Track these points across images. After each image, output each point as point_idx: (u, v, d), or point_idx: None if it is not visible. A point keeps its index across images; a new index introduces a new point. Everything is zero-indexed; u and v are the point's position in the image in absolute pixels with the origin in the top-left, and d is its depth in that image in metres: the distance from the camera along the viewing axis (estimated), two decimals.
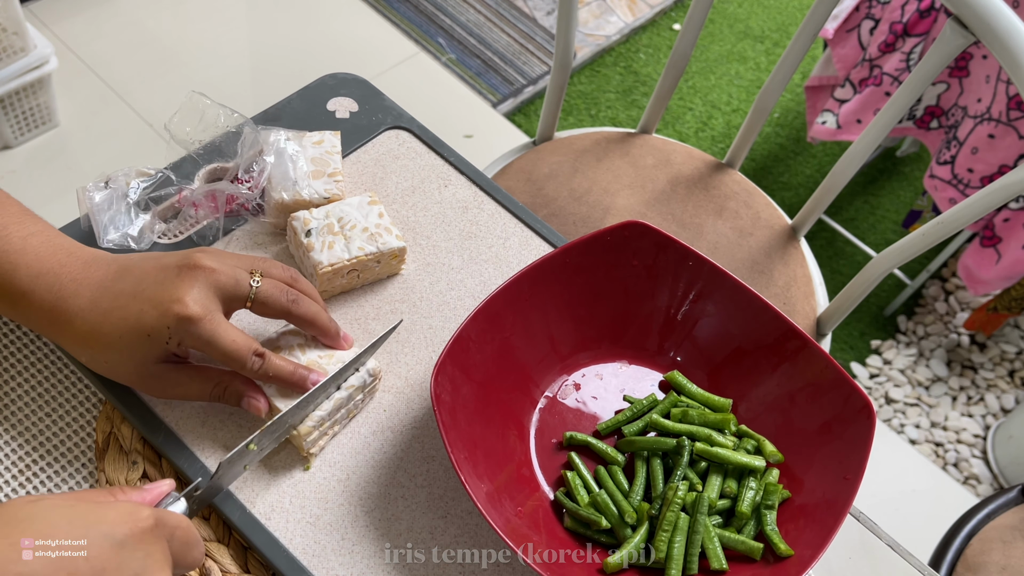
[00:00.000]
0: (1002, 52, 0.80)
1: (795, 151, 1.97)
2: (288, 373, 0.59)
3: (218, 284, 0.57)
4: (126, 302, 0.55)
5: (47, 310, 0.56)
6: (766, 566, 0.57)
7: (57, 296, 0.55)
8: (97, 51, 1.81)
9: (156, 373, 0.57)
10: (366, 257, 0.67)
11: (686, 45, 1.05)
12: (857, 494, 0.57)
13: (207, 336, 0.55)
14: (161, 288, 0.55)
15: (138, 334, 0.55)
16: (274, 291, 0.59)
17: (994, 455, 1.60)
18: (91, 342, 0.56)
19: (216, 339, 0.56)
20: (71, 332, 0.56)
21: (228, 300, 0.58)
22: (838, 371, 0.62)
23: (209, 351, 0.56)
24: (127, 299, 0.55)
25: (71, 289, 0.55)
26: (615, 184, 1.11)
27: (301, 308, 0.60)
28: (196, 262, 0.56)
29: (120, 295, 0.56)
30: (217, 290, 0.57)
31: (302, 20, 1.96)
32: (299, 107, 0.79)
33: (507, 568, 0.59)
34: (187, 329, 0.55)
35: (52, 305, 0.55)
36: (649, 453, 0.63)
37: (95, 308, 0.55)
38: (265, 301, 0.59)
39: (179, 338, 0.55)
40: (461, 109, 1.89)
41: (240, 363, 0.57)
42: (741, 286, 0.66)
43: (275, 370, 0.58)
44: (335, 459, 0.61)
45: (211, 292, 0.56)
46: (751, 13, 2.22)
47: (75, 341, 0.56)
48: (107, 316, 0.55)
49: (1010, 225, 1.42)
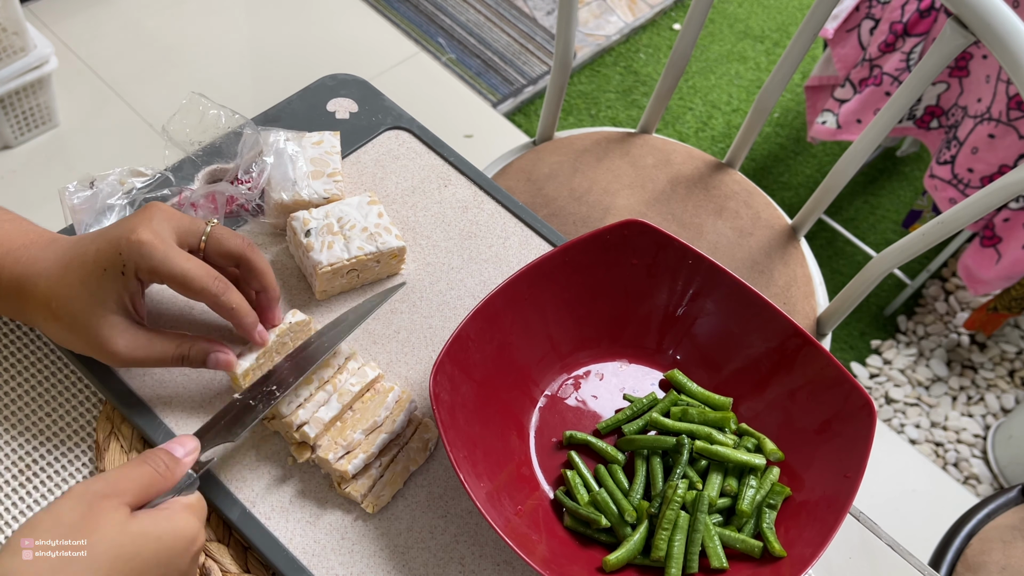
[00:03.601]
0: (1002, 52, 0.80)
1: (795, 151, 1.97)
2: (246, 311, 0.59)
3: (172, 217, 0.57)
4: (84, 248, 0.56)
5: (15, 280, 0.57)
6: (766, 565, 0.57)
7: (24, 266, 0.57)
8: (97, 51, 1.81)
9: (117, 330, 0.56)
10: (366, 257, 0.67)
11: (686, 45, 1.05)
12: (857, 493, 0.57)
13: (160, 258, 0.55)
14: (114, 227, 0.57)
15: (94, 272, 0.55)
16: (228, 231, 0.60)
17: (994, 455, 1.60)
18: (53, 301, 0.56)
19: (170, 261, 0.55)
20: (36, 296, 0.56)
21: (183, 234, 0.58)
22: (838, 369, 0.62)
23: (165, 276, 0.56)
24: (85, 244, 0.56)
25: (38, 256, 0.57)
26: (615, 184, 1.11)
27: (255, 253, 0.60)
28: (151, 204, 0.58)
29: (79, 244, 0.57)
30: (171, 223, 0.57)
31: (302, 20, 1.96)
32: (299, 108, 0.79)
33: (507, 567, 0.59)
34: (140, 252, 0.55)
35: (20, 274, 0.56)
36: (649, 452, 0.63)
37: (58, 263, 0.56)
38: (220, 238, 0.59)
39: (133, 264, 0.55)
40: (461, 109, 1.89)
41: (200, 285, 0.56)
42: (741, 284, 0.66)
43: (236, 302, 0.58)
44: None
45: (165, 223, 0.57)
46: (751, 13, 2.22)
47: (40, 306, 0.57)
48: (68, 267, 0.56)
49: (1010, 225, 1.42)
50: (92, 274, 0.55)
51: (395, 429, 0.60)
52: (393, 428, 0.60)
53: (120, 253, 0.55)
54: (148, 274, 0.56)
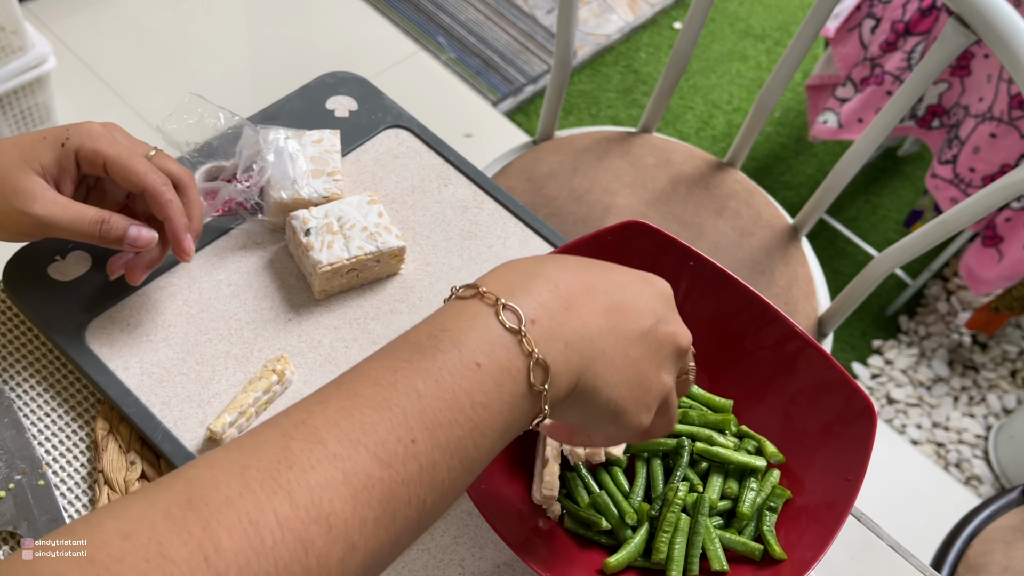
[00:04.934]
0: (1003, 51, 0.79)
1: (796, 150, 1.97)
2: (181, 211, 0.60)
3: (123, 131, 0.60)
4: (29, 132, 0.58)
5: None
6: (767, 567, 0.57)
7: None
8: (96, 51, 1.81)
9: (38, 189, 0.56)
10: (365, 256, 0.66)
11: (687, 44, 1.05)
12: (858, 495, 0.57)
13: (106, 143, 0.57)
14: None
15: (34, 138, 0.57)
16: (173, 160, 0.62)
17: (996, 455, 1.60)
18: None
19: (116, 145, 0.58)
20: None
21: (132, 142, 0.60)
22: (839, 372, 0.62)
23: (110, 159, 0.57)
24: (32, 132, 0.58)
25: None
26: (615, 183, 1.11)
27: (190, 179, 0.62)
28: None
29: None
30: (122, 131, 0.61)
31: (301, 19, 1.96)
32: (298, 106, 0.78)
33: (507, 568, 0.58)
34: (88, 133, 0.57)
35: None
36: (649, 454, 0.62)
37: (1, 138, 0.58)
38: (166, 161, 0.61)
39: (77, 141, 0.57)
40: (461, 108, 1.89)
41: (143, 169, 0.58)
42: (742, 286, 0.65)
43: (176, 198, 0.59)
44: None
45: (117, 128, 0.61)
46: (752, 12, 2.22)
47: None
48: (9, 139, 0.57)
49: (1012, 225, 1.42)
50: (29, 140, 0.57)
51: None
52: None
53: (67, 129, 0.57)
54: (91, 154, 0.57)
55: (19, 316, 0.65)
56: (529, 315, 0.40)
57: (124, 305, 0.65)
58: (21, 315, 0.65)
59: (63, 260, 0.66)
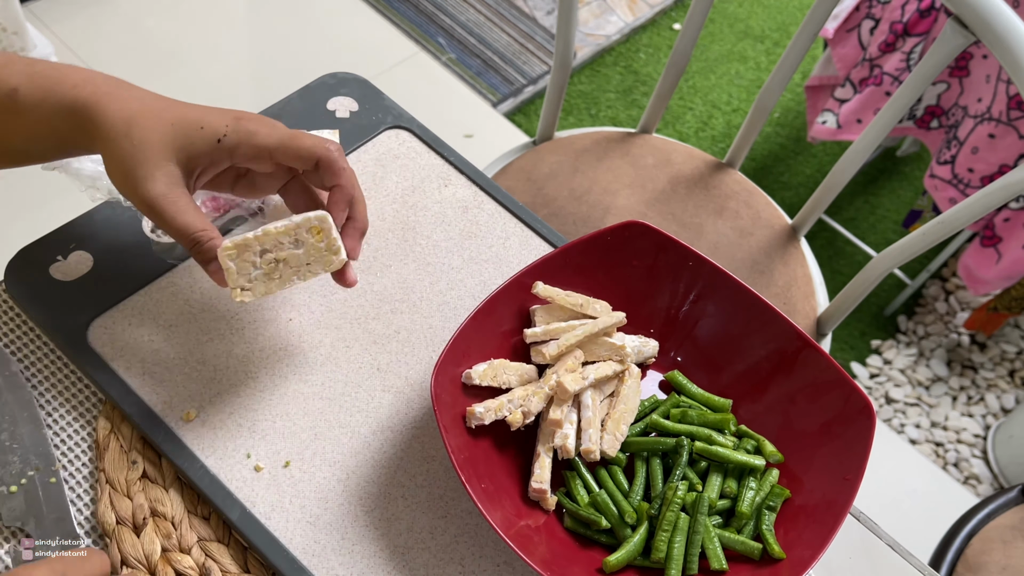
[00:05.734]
0: (1002, 52, 0.80)
1: (795, 151, 1.97)
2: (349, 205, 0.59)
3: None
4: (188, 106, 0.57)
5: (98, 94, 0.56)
6: (766, 566, 0.57)
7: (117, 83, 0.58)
8: (97, 51, 1.81)
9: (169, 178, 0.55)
10: (276, 232, 0.56)
11: (686, 45, 1.05)
12: (857, 494, 0.57)
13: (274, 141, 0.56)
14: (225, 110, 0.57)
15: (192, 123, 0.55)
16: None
17: (994, 455, 1.60)
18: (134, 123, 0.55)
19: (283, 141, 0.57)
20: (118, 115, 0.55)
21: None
22: (838, 371, 0.62)
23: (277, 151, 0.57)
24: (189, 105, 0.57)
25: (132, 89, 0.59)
26: (615, 184, 1.11)
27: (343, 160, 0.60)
28: None
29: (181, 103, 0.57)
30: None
31: (302, 20, 1.96)
32: (299, 106, 0.79)
33: (507, 568, 0.59)
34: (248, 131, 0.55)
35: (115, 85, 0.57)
36: (649, 453, 0.63)
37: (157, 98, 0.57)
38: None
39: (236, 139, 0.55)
40: (461, 109, 1.89)
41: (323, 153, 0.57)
42: (741, 286, 0.66)
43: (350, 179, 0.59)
44: (335, 459, 0.61)
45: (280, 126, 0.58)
46: (751, 13, 2.22)
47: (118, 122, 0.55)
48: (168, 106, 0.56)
49: (1010, 225, 1.42)
50: (186, 122, 0.55)
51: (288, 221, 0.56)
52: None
53: (225, 123, 0.55)
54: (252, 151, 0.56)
55: (21, 316, 0.66)
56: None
57: (126, 305, 0.65)
58: (23, 315, 0.66)
59: (65, 260, 0.66)
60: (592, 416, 0.61)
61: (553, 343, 0.63)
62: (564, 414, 0.61)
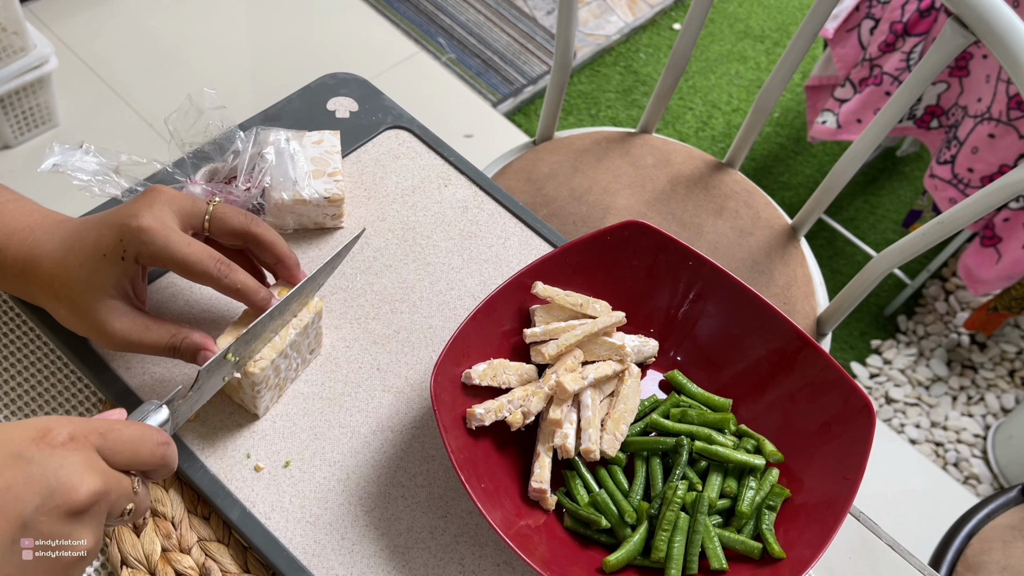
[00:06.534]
0: (1002, 52, 0.80)
1: (795, 151, 1.97)
2: (254, 288, 0.58)
3: (174, 201, 0.57)
4: (86, 232, 0.57)
5: (20, 262, 0.57)
6: (766, 566, 0.57)
7: (29, 247, 0.57)
8: (97, 51, 1.81)
9: (115, 314, 0.56)
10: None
11: (686, 45, 1.05)
12: (857, 494, 0.57)
13: (161, 244, 0.55)
14: (117, 212, 0.57)
15: (94, 256, 0.56)
16: (231, 210, 0.60)
17: (994, 455, 1.60)
18: (55, 281, 0.56)
19: (171, 246, 0.56)
20: (40, 278, 0.57)
21: (185, 216, 0.58)
22: (838, 371, 0.62)
23: (167, 261, 0.56)
24: (88, 229, 0.57)
25: (43, 239, 0.57)
26: (615, 184, 1.11)
27: (261, 227, 0.60)
28: (154, 187, 0.58)
29: (82, 228, 0.57)
30: (173, 206, 0.57)
31: (302, 20, 1.96)
32: (299, 107, 0.79)
33: (507, 567, 0.59)
34: (140, 239, 0.55)
35: (25, 255, 0.57)
36: (649, 453, 0.63)
37: (61, 246, 0.57)
38: (223, 217, 0.59)
39: (133, 250, 0.55)
40: (461, 109, 1.89)
41: (201, 269, 0.56)
42: (741, 286, 0.66)
43: (241, 282, 0.58)
44: (335, 459, 0.61)
45: (167, 208, 0.57)
46: (751, 13, 2.22)
47: (44, 287, 0.57)
48: (70, 251, 0.56)
49: (1010, 225, 1.42)
50: (92, 258, 0.56)
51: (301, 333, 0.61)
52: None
53: (121, 239, 0.55)
54: (149, 259, 0.56)
55: (21, 316, 0.66)
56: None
57: None
58: (23, 315, 0.66)
59: None
60: (592, 416, 0.61)
61: (553, 343, 0.63)
62: (564, 414, 0.61)
